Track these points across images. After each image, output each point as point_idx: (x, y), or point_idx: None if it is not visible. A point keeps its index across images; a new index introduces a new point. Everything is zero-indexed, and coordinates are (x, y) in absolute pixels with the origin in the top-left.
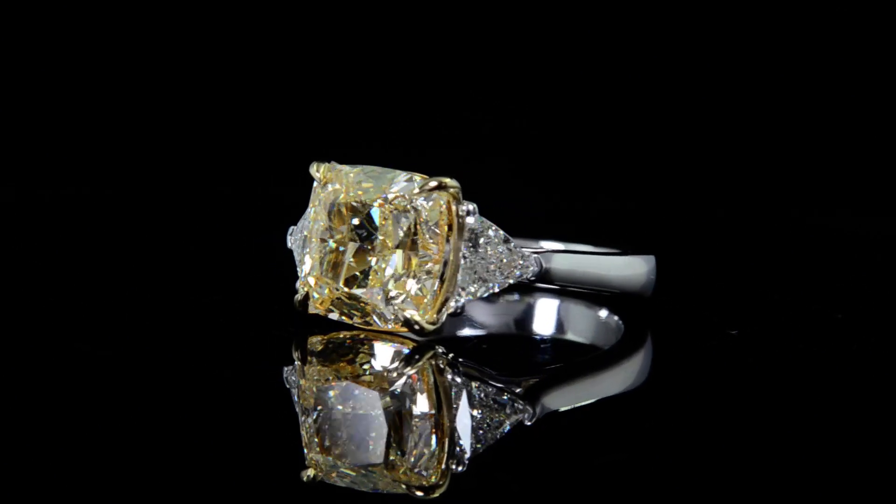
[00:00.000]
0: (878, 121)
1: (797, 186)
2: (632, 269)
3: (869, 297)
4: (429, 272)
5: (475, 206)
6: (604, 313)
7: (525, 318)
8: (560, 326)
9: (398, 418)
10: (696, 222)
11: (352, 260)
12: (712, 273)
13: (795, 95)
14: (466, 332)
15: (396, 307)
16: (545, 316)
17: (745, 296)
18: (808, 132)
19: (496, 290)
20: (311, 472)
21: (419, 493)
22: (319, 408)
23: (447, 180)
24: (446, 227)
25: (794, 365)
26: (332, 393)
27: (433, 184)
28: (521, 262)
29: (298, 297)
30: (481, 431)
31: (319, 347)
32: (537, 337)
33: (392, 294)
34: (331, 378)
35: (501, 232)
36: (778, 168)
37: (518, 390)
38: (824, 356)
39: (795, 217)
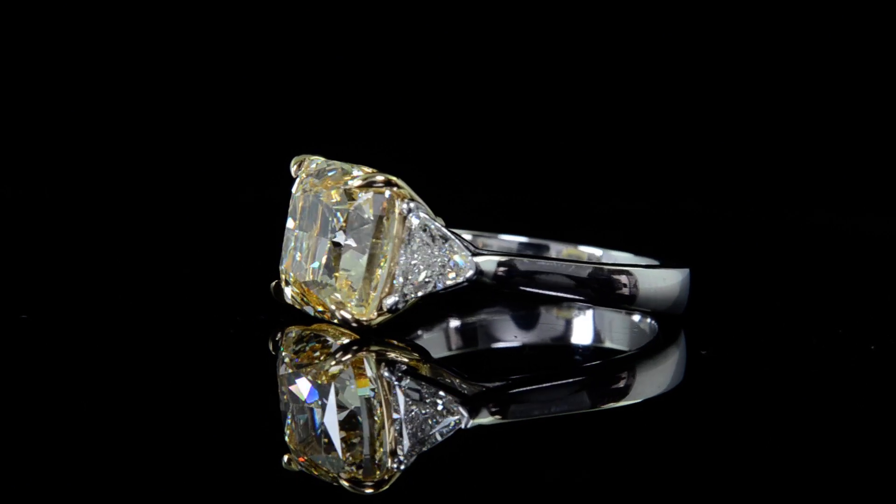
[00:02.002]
0: None
1: (819, 188)
2: (642, 282)
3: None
4: (365, 268)
5: (417, 204)
6: (637, 318)
7: (565, 329)
8: (597, 335)
9: (337, 415)
10: (702, 224)
11: (307, 253)
12: (718, 276)
13: (819, 95)
14: (501, 344)
15: (334, 304)
16: (582, 326)
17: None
18: (836, 134)
19: (437, 289)
20: (289, 460)
21: (369, 491)
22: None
23: (391, 178)
24: (386, 225)
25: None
26: (284, 385)
27: (379, 179)
28: (459, 264)
29: (273, 284)
30: (417, 431)
31: (283, 337)
32: (575, 347)
33: (335, 294)
34: (286, 370)
35: (446, 232)
36: (799, 169)
37: (468, 394)
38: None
39: (800, 217)
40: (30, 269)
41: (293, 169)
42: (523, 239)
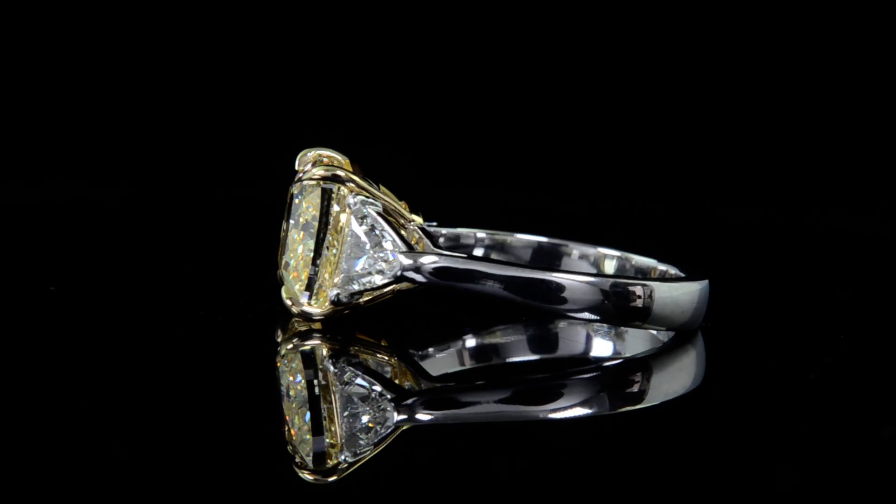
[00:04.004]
0: None
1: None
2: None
3: None
4: (311, 260)
5: (365, 199)
6: (654, 330)
7: (586, 344)
8: (616, 349)
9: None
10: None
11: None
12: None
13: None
14: (516, 358)
15: (290, 299)
16: (602, 340)
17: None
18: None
19: (376, 286)
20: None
21: (331, 479)
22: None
23: (350, 173)
24: (335, 218)
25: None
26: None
27: (339, 173)
28: (391, 261)
29: (279, 272)
30: (358, 424)
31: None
32: (593, 359)
33: (289, 284)
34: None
35: (391, 230)
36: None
37: (421, 390)
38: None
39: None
40: (29, 266)
41: (300, 160)
42: (542, 238)
